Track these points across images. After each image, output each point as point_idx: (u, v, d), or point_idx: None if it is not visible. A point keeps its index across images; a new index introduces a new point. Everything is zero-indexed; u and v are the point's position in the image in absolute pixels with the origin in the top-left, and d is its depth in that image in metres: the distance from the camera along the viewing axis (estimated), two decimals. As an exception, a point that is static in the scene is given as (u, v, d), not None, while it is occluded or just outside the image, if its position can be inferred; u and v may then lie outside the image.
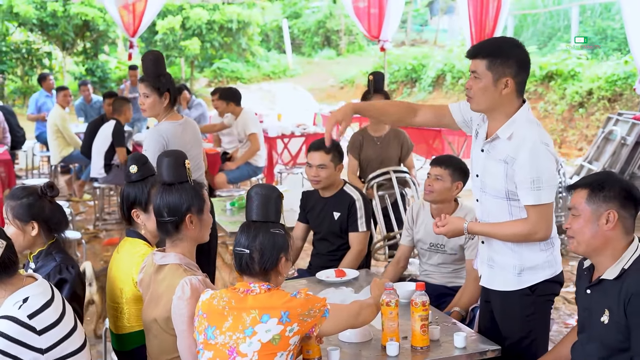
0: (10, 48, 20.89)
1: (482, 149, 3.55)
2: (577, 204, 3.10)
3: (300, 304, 2.99)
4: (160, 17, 20.66)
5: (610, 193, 3.06)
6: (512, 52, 3.42)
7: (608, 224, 3.04)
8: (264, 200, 3.14)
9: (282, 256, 3.08)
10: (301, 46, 28.34)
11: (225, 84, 22.96)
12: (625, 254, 3.06)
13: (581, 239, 3.10)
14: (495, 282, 3.64)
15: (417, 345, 3.36)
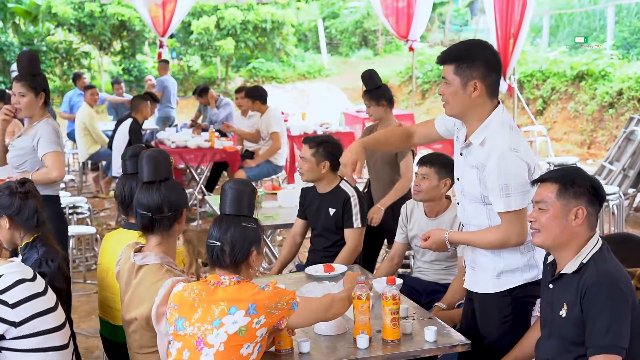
0: (49, 48, 21.27)
1: (460, 152, 3.60)
2: (546, 198, 3.12)
3: (268, 296, 3.06)
4: (195, 17, 20.89)
5: (580, 189, 3.08)
6: (477, 54, 3.44)
7: (576, 219, 3.07)
8: (237, 194, 3.22)
9: (253, 249, 3.15)
10: (339, 46, 28.39)
11: (261, 84, 23.11)
12: (585, 248, 3.10)
13: (549, 233, 3.13)
14: (476, 284, 3.68)
15: (388, 339, 3.42)
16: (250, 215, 3.23)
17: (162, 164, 3.50)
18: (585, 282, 3.02)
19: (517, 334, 3.58)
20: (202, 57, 22.04)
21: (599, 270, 3.02)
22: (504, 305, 3.57)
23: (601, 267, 3.03)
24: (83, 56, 22.00)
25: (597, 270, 3.02)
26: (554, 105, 15.25)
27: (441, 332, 3.52)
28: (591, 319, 2.98)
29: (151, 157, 3.50)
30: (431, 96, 19.68)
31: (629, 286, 3.05)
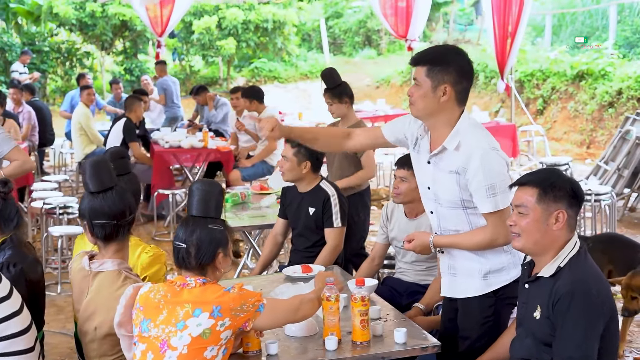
0: (51, 48, 21.29)
1: (428, 161, 3.56)
2: (526, 202, 3.09)
3: (233, 298, 3.03)
4: (196, 17, 20.88)
5: (560, 192, 3.06)
6: (452, 60, 3.43)
7: (557, 223, 3.05)
8: (205, 195, 3.19)
9: (219, 252, 3.12)
10: (342, 46, 28.35)
11: (263, 84, 23.11)
12: (562, 251, 3.07)
13: (529, 238, 3.10)
14: (459, 290, 3.65)
15: (358, 340, 3.39)
16: (217, 216, 3.20)
17: (109, 170, 3.43)
18: (559, 289, 3.00)
19: (495, 334, 3.57)
20: (203, 57, 22.03)
21: (573, 278, 2.99)
22: (486, 306, 3.56)
23: (576, 275, 3.00)
24: (85, 56, 22.02)
25: (571, 278, 2.99)
26: (554, 104, 15.20)
27: (412, 334, 3.49)
28: (561, 328, 2.96)
29: (99, 165, 3.41)
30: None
31: (604, 292, 3.02)
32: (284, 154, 5.13)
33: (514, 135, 10.80)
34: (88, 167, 3.37)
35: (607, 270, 5.45)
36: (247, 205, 6.37)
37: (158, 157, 9.18)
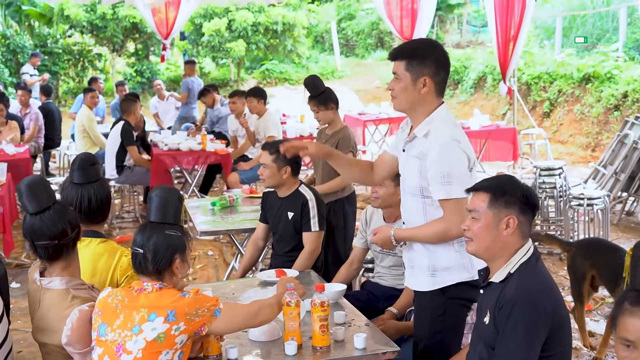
0: (63, 50, 21.45)
1: (403, 148, 3.63)
2: (478, 207, 3.12)
3: (188, 303, 3.07)
4: (206, 19, 20.96)
5: (511, 198, 3.08)
6: (429, 52, 3.53)
7: (508, 229, 3.07)
8: (163, 202, 3.25)
9: (176, 257, 3.18)
10: (355, 48, 28.41)
11: (274, 85, 23.18)
12: (514, 257, 3.09)
13: (481, 243, 3.13)
14: (413, 283, 3.72)
15: (317, 345, 3.42)
16: (175, 222, 3.25)
17: (47, 189, 3.33)
18: (504, 295, 3.02)
19: (449, 335, 3.61)
20: (213, 59, 22.10)
21: (518, 286, 3.00)
22: (437, 304, 3.61)
23: (522, 282, 3.01)
24: (96, 58, 22.16)
25: (516, 285, 3.01)
26: (560, 107, 15.15)
27: (373, 339, 3.52)
28: (501, 334, 2.98)
29: (35, 185, 3.32)
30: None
31: (549, 300, 3.02)
32: (263, 162, 5.17)
33: (514, 139, 10.79)
34: (24, 189, 3.31)
35: (590, 275, 5.44)
36: (235, 209, 6.41)
37: (156, 160, 9.24)
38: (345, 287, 4.23)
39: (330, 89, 6.25)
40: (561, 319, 3.02)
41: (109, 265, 3.72)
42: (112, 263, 3.73)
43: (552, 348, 3.00)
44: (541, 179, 7.92)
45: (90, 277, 3.67)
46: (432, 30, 26.83)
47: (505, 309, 2.97)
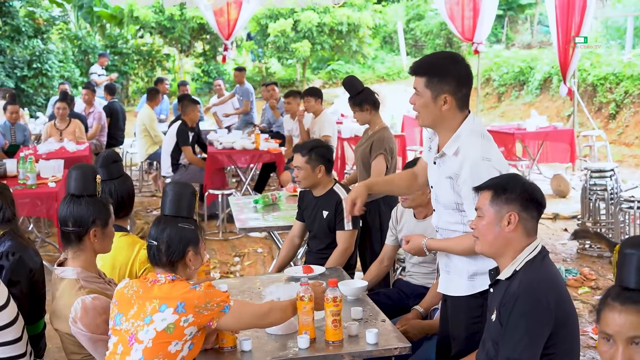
0: (132, 50, 21.92)
1: (434, 161, 3.63)
2: (482, 205, 3.15)
3: (198, 296, 3.15)
4: (272, 20, 21.17)
5: (511, 195, 3.09)
6: (449, 69, 3.46)
7: (509, 225, 3.08)
8: (177, 196, 3.34)
9: (189, 249, 3.26)
10: (423, 48, 28.29)
11: (339, 86, 23.27)
12: (520, 255, 3.10)
13: (484, 240, 3.16)
14: (450, 288, 3.70)
15: (330, 340, 3.47)
16: (188, 216, 3.33)
17: (88, 179, 3.48)
18: (508, 290, 3.04)
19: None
20: (279, 59, 22.30)
21: (521, 281, 3.02)
22: (475, 306, 3.58)
23: (525, 278, 3.02)
24: (165, 58, 22.58)
25: (520, 281, 3.02)
26: (626, 109, 14.86)
27: (386, 335, 3.56)
28: (504, 330, 3.00)
29: (78, 170, 3.51)
30: (507, 99, 19.43)
31: (553, 297, 3.02)
32: (297, 164, 5.23)
33: (572, 140, 10.65)
34: (71, 170, 3.51)
35: None
36: (277, 207, 6.49)
37: (211, 158, 9.41)
38: (367, 283, 4.27)
39: (369, 91, 6.25)
40: (565, 315, 3.01)
41: (128, 257, 3.85)
42: (131, 255, 3.85)
43: (557, 345, 2.99)
44: (592, 180, 7.82)
45: (110, 269, 3.80)
46: (502, 30, 26.58)
47: (508, 305, 2.99)
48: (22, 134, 10.37)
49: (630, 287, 2.35)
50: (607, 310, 2.35)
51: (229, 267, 7.81)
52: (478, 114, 18.82)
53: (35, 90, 18.27)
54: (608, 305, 2.36)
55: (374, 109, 6.23)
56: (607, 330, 2.35)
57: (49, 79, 18.22)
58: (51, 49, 18.98)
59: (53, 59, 18.75)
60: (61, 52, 19.88)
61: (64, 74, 19.17)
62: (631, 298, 2.32)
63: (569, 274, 7.07)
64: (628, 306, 2.31)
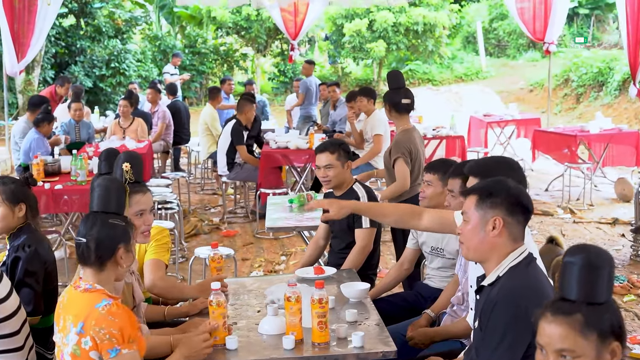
0: (210, 50, 22.25)
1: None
2: (467, 209, 3.09)
3: (97, 317, 2.88)
4: (347, 20, 21.18)
5: (497, 199, 3.01)
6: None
7: (494, 230, 3.01)
8: (104, 191, 3.19)
9: (119, 247, 3.07)
10: (506, 48, 27.88)
11: (416, 86, 23.12)
12: (505, 261, 3.02)
13: (470, 244, 3.09)
14: None
15: (316, 341, 3.46)
16: (118, 212, 3.18)
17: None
18: (489, 296, 2.98)
19: None
20: (354, 59, 22.29)
21: (502, 287, 2.95)
22: None
23: (507, 284, 2.96)
24: (242, 58, 22.83)
25: (501, 287, 2.96)
26: None
27: (374, 338, 3.53)
28: (484, 334, 2.94)
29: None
30: (585, 100, 18.96)
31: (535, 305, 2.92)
32: (328, 163, 5.18)
33: (637, 143, 10.32)
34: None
35: None
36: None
37: (265, 157, 9.47)
38: (369, 286, 4.22)
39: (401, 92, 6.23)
40: None
41: None
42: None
43: None
44: (646, 184, 7.58)
45: None
46: (589, 30, 25.96)
47: (487, 310, 2.94)
48: (87, 132, 10.64)
49: (571, 298, 2.27)
50: (541, 319, 2.29)
51: (274, 266, 7.85)
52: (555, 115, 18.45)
53: (113, 89, 18.75)
54: (542, 314, 2.29)
55: (395, 111, 6.21)
56: (539, 340, 2.29)
57: (126, 77, 18.68)
58: (129, 49, 19.44)
59: (131, 58, 19.21)
60: (139, 52, 20.33)
61: (142, 73, 19.61)
62: (562, 309, 2.25)
63: (616, 281, 6.85)
64: (558, 317, 2.25)
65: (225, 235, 9.08)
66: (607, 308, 2.24)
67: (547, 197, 10.76)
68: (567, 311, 2.24)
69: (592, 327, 2.20)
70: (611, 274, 2.30)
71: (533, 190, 11.06)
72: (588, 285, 2.25)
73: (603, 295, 2.26)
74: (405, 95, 6.29)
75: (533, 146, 11.33)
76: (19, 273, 3.91)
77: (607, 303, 2.26)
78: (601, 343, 2.20)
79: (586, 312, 2.22)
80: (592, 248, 2.34)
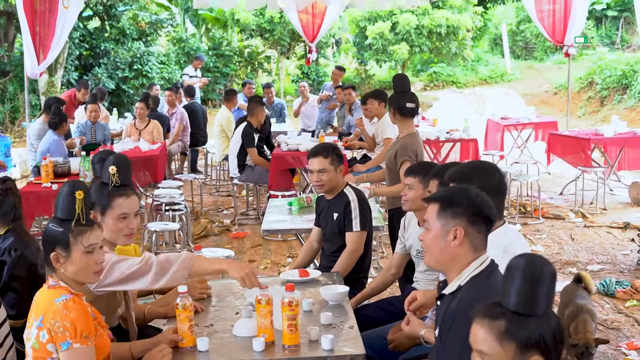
0: (234, 52, 22.36)
1: None
2: (429, 217, 3.08)
3: (54, 311, 2.96)
4: (370, 23, 21.18)
5: (458, 209, 2.99)
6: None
7: (455, 240, 2.99)
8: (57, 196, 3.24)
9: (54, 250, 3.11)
10: (534, 50, 27.74)
11: (440, 88, 23.08)
12: (466, 270, 3.01)
13: (432, 253, 3.08)
14: None
15: (286, 344, 3.49)
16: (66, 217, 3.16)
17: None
18: (449, 307, 2.98)
19: None
20: (377, 61, 22.28)
21: (462, 299, 2.95)
22: None
23: (467, 295, 2.95)
24: (266, 60, 22.92)
25: (461, 298, 2.95)
26: None
27: (344, 341, 3.55)
28: (444, 346, 2.95)
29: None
30: (609, 103, 18.80)
31: None
32: (321, 167, 5.23)
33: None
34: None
35: None
36: (312, 209, 6.50)
37: (275, 160, 9.51)
38: (348, 289, 4.23)
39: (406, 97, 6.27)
40: None
41: None
42: None
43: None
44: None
45: None
46: (617, 32, 25.73)
47: (447, 321, 2.94)
48: (102, 133, 10.76)
49: (506, 305, 2.28)
50: (474, 317, 2.32)
51: (279, 268, 7.88)
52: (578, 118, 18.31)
53: (135, 91, 18.93)
54: (476, 313, 2.32)
55: (400, 114, 6.25)
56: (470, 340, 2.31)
57: (149, 79, 18.83)
58: (152, 51, 19.61)
59: (153, 60, 19.36)
60: (162, 54, 20.50)
61: (165, 75, 19.76)
62: (490, 313, 2.27)
63: (619, 286, 6.80)
64: (484, 319, 2.28)
65: (235, 237, 9.14)
66: (539, 321, 2.24)
67: (561, 200, 10.69)
68: (493, 316, 2.26)
69: (512, 337, 2.22)
70: (550, 289, 2.30)
71: (548, 194, 11.00)
72: (523, 296, 2.26)
73: (537, 309, 2.26)
74: (410, 99, 6.34)
75: (548, 149, 11.27)
76: (4, 277, 3.98)
77: (542, 316, 2.26)
78: (520, 353, 2.21)
79: (511, 321, 2.23)
80: (537, 260, 2.34)
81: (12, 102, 16.98)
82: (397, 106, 6.23)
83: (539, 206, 9.76)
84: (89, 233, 3.16)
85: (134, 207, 3.95)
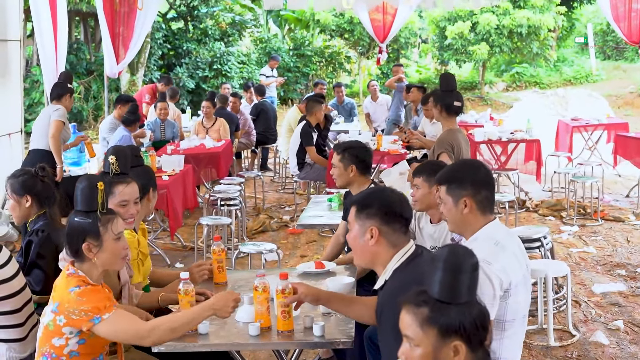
0: (314, 52, 22.64)
1: None
2: (350, 220, 3.33)
3: (69, 300, 3.23)
4: (450, 23, 21.12)
5: (371, 210, 3.23)
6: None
7: (372, 239, 3.22)
8: (76, 191, 3.46)
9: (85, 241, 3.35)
10: (624, 51, 27.16)
11: (523, 89, 22.82)
12: (389, 265, 3.23)
13: (355, 253, 3.35)
14: None
15: (280, 329, 3.66)
16: (88, 209, 3.39)
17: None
18: (380, 300, 3.25)
19: None
20: (456, 62, 22.19)
21: (385, 291, 3.18)
22: None
23: (388, 287, 3.17)
24: (346, 60, 23.12)
25: (384, 291, 3.19)
26: None
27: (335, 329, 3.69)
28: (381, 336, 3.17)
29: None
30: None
31: None
32: (333, 162, 5.43)
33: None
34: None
35: None
36: (351, 206, 6.64)
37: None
38: (354, 280, 4.36)
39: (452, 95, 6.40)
40: None
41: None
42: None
43: None
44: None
45: None
46: None
47: (379, 314, 3.18)
48: (171, 130, 11.12)
49: (430, 294, 2.40)
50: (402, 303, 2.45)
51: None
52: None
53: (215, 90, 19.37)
54: (404, 299, 2.45)
55: (446, 112, 6.37)
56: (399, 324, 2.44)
57: (228, 79, 19.25)
58: (232, 51, 20.03)
59: (233, 60, 19.78)
60: (242, 53, 20.91)
61: (245, 74, 20.17)
62: (415, 300, 2.40)
63: None
64: (409, 306, 2.41)
65: (291, 233, 9.33)
66: (460, 309, 2.35)
67: (626, 203, 10.52)
68: (418, 303, 2.38)
69: (433, 323, 2.34)
70: (473, 278, 2.41)
71: (613, 196, 10.84)
72: (445, 285, 2.38)
73: (459, 297, 2.37)
74: (457, 98, 6.47)
75: (615, 151, 11.10)
76: (31, 255, 4.27)
77: (463, 304, 2.37)
78: (441, 339, 2.33)
79: (433, 308, 2.35)
80: (460, 251, 2.46)
81: (96, 100, 17.63)
82: (444, 104, 6.36)
83: (599, 208, 9.65)
84: (115, 220, 3.45)
85: (133, 194, 4.23)
